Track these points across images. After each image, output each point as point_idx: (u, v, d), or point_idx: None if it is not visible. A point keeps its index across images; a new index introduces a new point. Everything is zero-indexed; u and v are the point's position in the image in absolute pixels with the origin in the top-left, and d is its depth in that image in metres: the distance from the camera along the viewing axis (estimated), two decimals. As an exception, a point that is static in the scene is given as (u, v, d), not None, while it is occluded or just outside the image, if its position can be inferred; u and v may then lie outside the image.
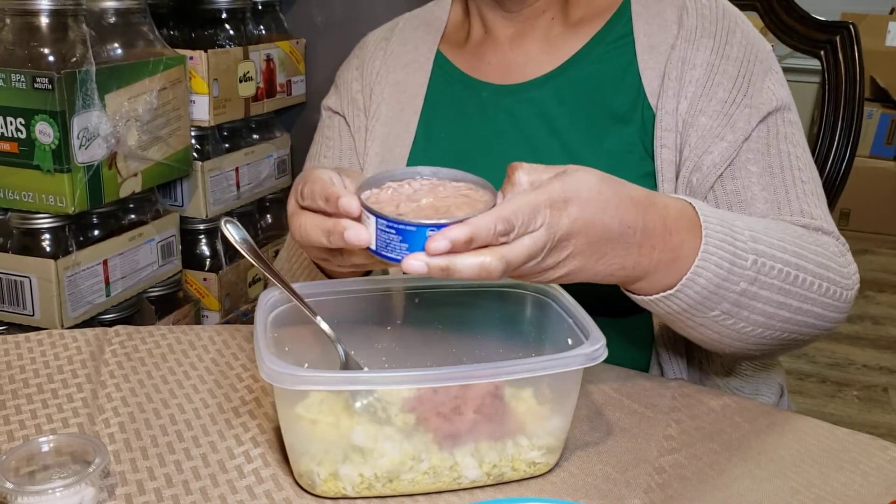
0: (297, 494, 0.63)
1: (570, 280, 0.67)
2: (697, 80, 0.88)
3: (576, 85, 0.93)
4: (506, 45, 0.98)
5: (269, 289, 0.72)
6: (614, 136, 0.90)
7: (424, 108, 1.00)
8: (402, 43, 1.06)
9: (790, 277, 0.76)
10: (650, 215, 0.68)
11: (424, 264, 0.59)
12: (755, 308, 0.75)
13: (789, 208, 0.85)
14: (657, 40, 0.91)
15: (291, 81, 1.87)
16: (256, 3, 1.80)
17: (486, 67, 0.99)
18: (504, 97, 0.96)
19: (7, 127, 1.25)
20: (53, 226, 1.33)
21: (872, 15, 4.00)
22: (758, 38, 0.91)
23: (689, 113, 0.87)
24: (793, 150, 0.88)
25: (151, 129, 1.42)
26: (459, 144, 0.97)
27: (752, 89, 0.87)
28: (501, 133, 0.95)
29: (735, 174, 0.86)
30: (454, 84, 1.00)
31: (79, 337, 0.87)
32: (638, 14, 0.93)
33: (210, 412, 0.74)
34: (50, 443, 0.62)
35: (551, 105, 0.93)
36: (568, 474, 0.66)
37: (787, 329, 0.79)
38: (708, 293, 0.72)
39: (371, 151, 1.01)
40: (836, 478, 0.66)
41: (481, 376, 0.61)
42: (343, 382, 0.61)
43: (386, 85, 1.03)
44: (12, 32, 1.26)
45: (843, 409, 2.45)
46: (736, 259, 0.72)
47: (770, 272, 0.74)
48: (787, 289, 0.76)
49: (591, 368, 0.62)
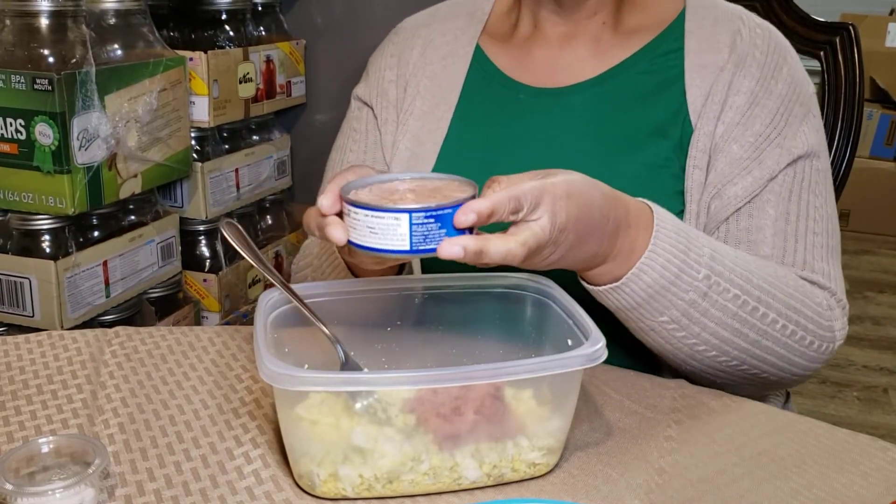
0: (296, 495, 0.63)
1: (552, 267, 0.70)
2: (738, 107, 0.87)
3: (619, 93, 0.92)
4: (555, 44, 0.96)
5: (269, 290, 0.72)
6: (652, 149, 0.89)
7: (459, 104, 0.98)
8: (441, 33, 1.03)
9: (748, 307, 0.77)
10: (618, 208, 0.72)
11: (461, 248, 0.62)
12: (706, 326, 0.76)
13: (794, 258, 0.85)
14: (707, 60, 0.90)
15: (291, 82, 1.87)
16: (256, 5, 1.80)
17: (531, 66, 0.97)
18: (543, 100, 0.95)
19: (7, 128, 1.25)
20: (53, 227, 1.33)
21: (872, 16, 4.00)
22: (804, 78, 0.91)
23: (723, 138, 0.87)
24: (813, 200, 0.87)
25: (151, 130, 1.42)
26: (491, 145, 0.96)
27: (787, 130, 0.87)
28: (536, 136, 0.94)
29: (752, 213, 0.86)
30: (492, 82, 0.98)
31: (79, 338, 0.86)
32: (691, 31, 0.92)
33: (210, 413, 0.74)
34: (50, 444, 0.62)
35: (591, 111, 0.92)
36: (568, 475, 0.66)
37: (746, 361, 0.80)
38: (653, 292, 0.74)
39: (402, 146, 0.99)
40: (837, 478, 0.66)
41: (481, 377, 0.61)
42: (343, 383, 0.61)
43: (422, 78, 1.01)
44: (12, 33, 1.26)
45: (844, 409, 2.45)
46: (686, 267, 0.74)
47: (724, 294, 0.76)
48: (744, 318, 0.77)
49: (591, 369, 0.62)
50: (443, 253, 0.62)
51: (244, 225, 1.75)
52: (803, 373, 0.83)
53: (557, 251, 0.68)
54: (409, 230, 0.62)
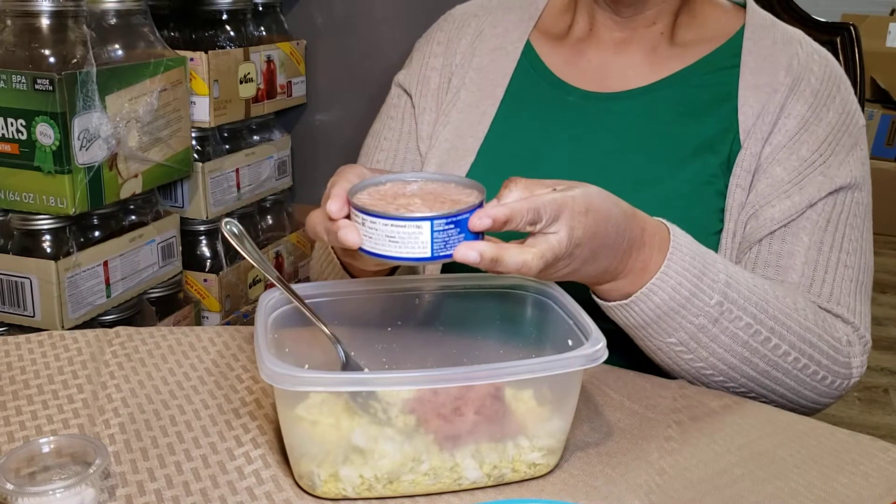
0: (297, 496, 0.63)
1: (563, 279, 0.70)
2: (788, 130, 0.87)
3: (671, 104, 0.91)
4: (610, 48, 0.95)
5: (270, 290, 0.72)
6: (698, 165, 0.88)
7: (504, 100, 0.97)
8: (492, 25, 1.01)
9: (759, 337, 0.77)
10: (634, 227, 0.71)
11: (478, 253, 0.62)
12: (714, 351, 0.76)
13: (821, 288, 0.85)
14: (762, 80, 0.89)
15: (292, 83, 1.87)
16: (257, 5, 1.80)
17: (582, 68, 0.95)
18: (591, 104, 0.93)
19: (8, 128, 1.25)
20: (54, 227, 1.33)
21: (873, 16, 4.01)
22: (855, 110, 0.91)
23: (768, 160, 0.87)
24: (850, 233, 0.87)
25: (152, 130, 1.42)
26: (534, 145, 0.94)
27: (833, 159, 0.87)
28: (580, 140, 0.92)
29: (786, 237, 0.85)
30: (540, 81, 0.96)
31: (79, 338, 0.87)
32: (749, 50, 0.91)
33: (210, 413, 0.74)
34: (50, 444, 0.62)
35: (640, 120, 0.91)
36: (568, 475, 0.66)
37: (753, 389, 0.80)
38: (662, 313, 0.74)
39: (442, 138, 0.97)
40: (837, 479, 0.66)
41: (481, 377, 0.61)
42: (343, 383, 0.61)
43: (469, 69, 0.99)
44: (13, 34, 1.26)
45: (844, 410, 2.45)
46: (699, 292, 0.74)
47: (736, 322, 0.76)
48: (755, 347, 0.77)
49: (591, 369, 0.62)
50: (459, 256, 0.62)
51: (245, 225, 1.75)
52: (812, 406, 0.84)
53: (571, 265, 0.68)
54: (430, 237, 0.62)
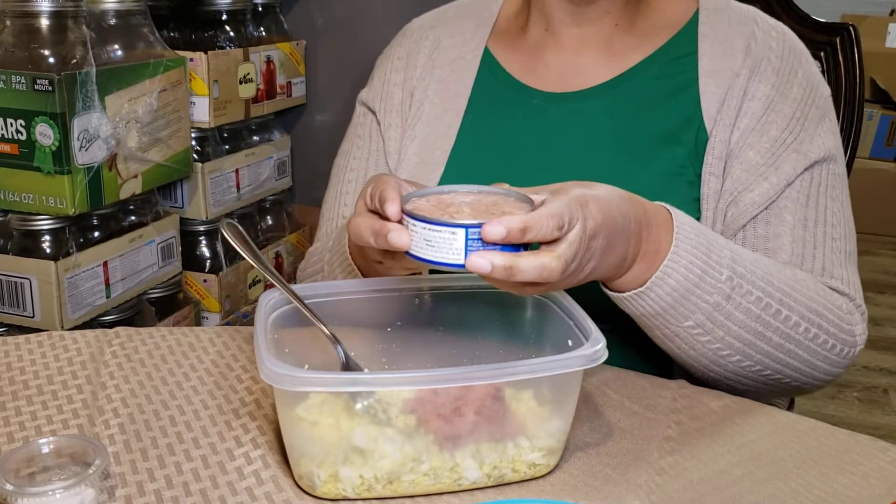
0: (297, 496, 0.63)
1: (590, 278, 0.69)
2: (754, 112, 0.86)
3: (632, 98, 0.91)
4: (568, 48, 0.94)
5: (270, 290, 0.72)
6: (666, 156, 0.88)
7: (468, 110, 0.96)
8: (450, 35, 1.01)
9: (771, 310, 0.76)
10: (636, 206, 0.71)
11: (489, 263, 0.61)
12: (730, 329, 0.76)
13: (812, 264, 0.84)
14: (721, 65, 0.89)
15: (291, 83, 1.87)
16: (257, 5, 1.80)
17: (543, 70, 0.95)
18: (555, 105, 0.93)
19: (7, 128, 1.25)
20: (54, 227, 1.33)
21: (872, 16, 4.01)
22: (819, 82, 0.90)
23: (739, 144, 0.86)
24: (831, 205, 0.87)
25: (152, 130, 1.42)
26: (501, 152, 0.93)
27: (803, 134, 0.86)
28: (547, 143, 0.92)
29: (770, 219, 0.85)
30: (502, 87, 0.96)
31: (79, 338, 0.86)
32: (705, 35, 0.90)
33: (210, 414, 0.74)
34: (50, 444, 0.62)
35: (604, 117, 0.91)
36: (568, 476, 0.66)
37: (769, 366, 0.79)
38: (678, 296, 0.73)
39: (410, 152, 0.97)
40: (837, 479, 0.66)
41: (481, 377, 0.61)
42: (343, 384, 0.61)
43: (431, 82, 0.99)
44: (13, 34, 1.26)
45: (844, 410, 2.45)
46: (709, 269, 0.73)
47: (747, 296, 0.75)
48: (767, 321, 0.76)
49: (591, 370, 0.62)
50: (470, 265, 0.61)
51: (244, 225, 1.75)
52: (825, 377, 0.83)
53: (592, 260, 0.67)
54: (464, 245, 0.62)
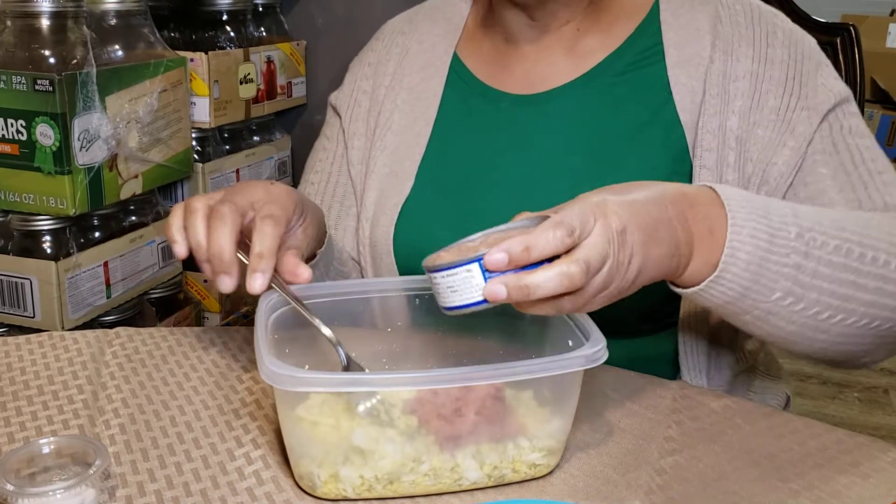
0: (297, 496, 0.63)
1: (645, 277, 0.65)
2: (744, 92, 0.84)
3: (600, 96, 0.89)
4: (530, 56, 0.93)
5: (270, 291, 0.72)
6: (639, 153, 0.86)
7: (438, 118, 0.95)
8: (419, 41, 1.00)
9: (854, 255, 0.71)
10: (670, 191, 0.68)
11: (503, 286, 0.59)
12: (822, 288, 0.70)
13: (871, 203, 0.80)
14: (690, 53, 0.86)
15: (292, 83, 1.87)
16: (257, 5, 1.80)
17: (510, 73, 0.93)
18: (524, 108, 0.91)
19: (8, 129, 1.25)
20: (54, 227, 1.32)
21: (873, 17, 4.00)
22: (802, 34, 0.87)
23: (743, 128, 0.83)
24: (861, 142, 0.83)
25: (152, 130, 1.42)
26: (472, 159, 0.92)
27: (805, 90, 0.83)
28: (519, 146, 0.90)
29: (806, 180, 0.82)
30: (471, 93, 0.95)
31: (79, 339, 0.87)
32: (668, 23, 0.88)
33: (210, 414, 0.74)
34: (50, 444, 0.62)
35: (573, 117, 0.89)
36: (569, 476, 0.66)
37: (876, 315, 0.73)
38: (755, 268, 0.68)
39: (380, 163, 0.96)
40: (838, 479, 0.66)
41: (482, 378, 0.61)
42: (344, 384, 0.61)
43: (400, 90, 0.98)
44: (13, 34, 1.26)
45: (844, 410, 2.45)
46: (775, 231, 0.68)
47: (825, 248, 0.70)
48: (856, 267, 0.71)
49: (591, 370, 0.62)
50: (487, 294, 0.59)
51: (245, 226, 1.74)
52: None
53: (635, 257, 0.63)
54: (483, 279, 0.60)
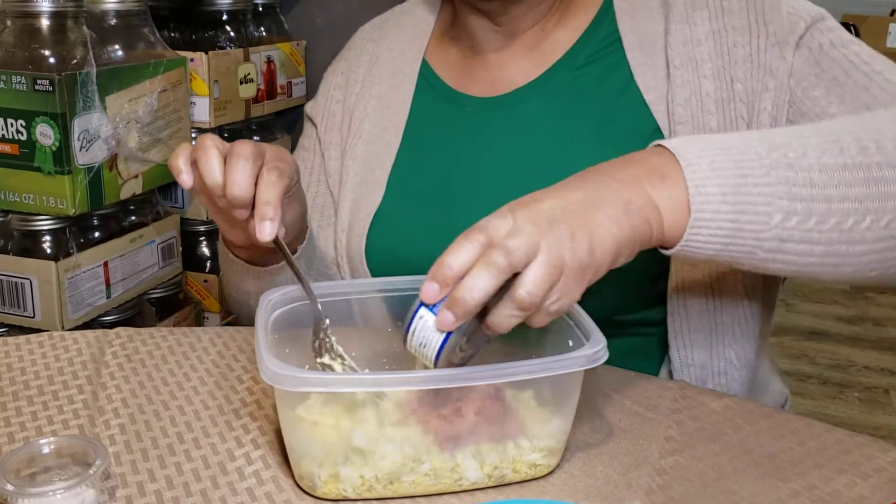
0: (297, 496, 0.63)
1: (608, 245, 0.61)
2: (710, 53, 0.82)
3: (565, 92, 0.88)
4: (495, 60, 0.92)
5: (270, 291, 0.72)
6: (607, 140, 0.85)
7: (408, 125, 0.94)
8: (388, 48, 1.00)
9: (851, 151, 0.65)
10: (600, 165, 0.66)
11: (446, 309, 0.59)
12: (830, 195, 0.64)
13: (879, 104, 0.76)
14: (645, 32, 0.85)
15: (292, 83, 1.87)
16: (257, 5, 1.80)
17: (474, 76, 0.93)
18: (489, 112, 0.91)
19: (8, 129, 1.25)
20: (54, 227, 1.32)
21: (873, 17, 4.01)
22: None
23: (722, 88, 0.81)
24: (847, 52, 0.79)
25: (152, 130, 1.42)
26: (442, 165, 0.92)
27: (771, 26, 0.81)
28: (487, 149, 0.90)
29: (802, 110, 0.79)
30: (439, 98, 0.94)
31: (79, 339, 0.86)
32: (621, 9, 0.88)
33: (210, 414, 0.74)
34: (50, 445, 0.62)
35: (539, 117, 0.89)
36: (569, 476, 0.66)
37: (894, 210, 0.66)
38: (735, 198, 0.63)
39: (352, 172, 0.96)
40: (838, 479, 0.66)
41: (482, 378, 0.61)
42: (344, 384, 0.61)
43: (370, 99, 0.98)
44: (13, 34, 1.26)
45: (845, 410, 2.45)
46: (741, 156, 0.64)
47: (809, 154, 0.65)
48: (861, 162, 0.65)
49: (591, 370, 0.62)
50: (441, 327, 0.59)
51: (245, 226, 1.74)
52: None
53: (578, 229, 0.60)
54: (434, 316, 0.60)
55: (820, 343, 2.85)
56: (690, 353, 0.86)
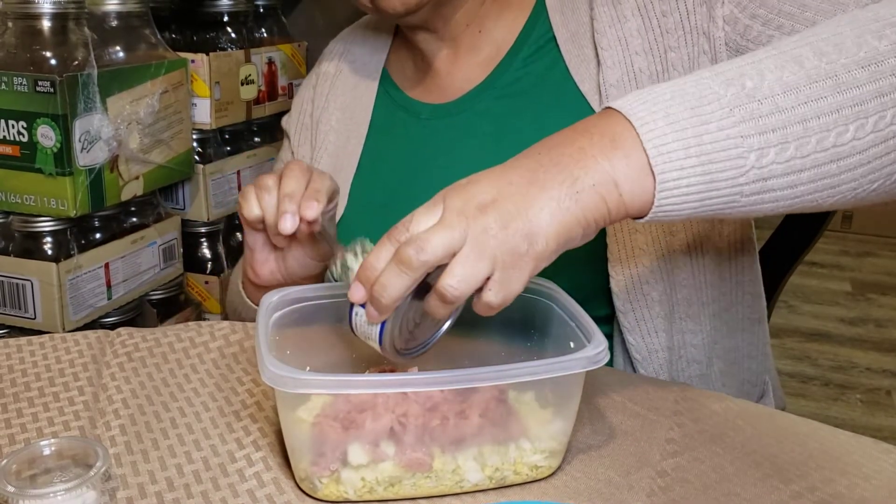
0: (298, 498, 0.63)
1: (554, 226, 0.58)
2: (638, 28, 0.81)
3: (506, 94, 0.89)
4: (444, 68, 0.94)
5: (270, 292, 0.72)
6: None
7: (369, 135, 0.96)
8: (351, 60, 1.01)
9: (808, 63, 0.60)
10: (541, 140, 0.63)
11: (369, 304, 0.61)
12: (802, 114, 0.59)
13: (823, 17, 0.71)
14: (574, 23, 0.86)
15: (293, 84, 1.87)
16: (258, 7, 1.80)
17: (426, 88, 0.96)
18: (441, 118, 0.93)
19: (9, 130, 1.25)
20: (55, 229, 1.33)
21: None
22: None
23: (656, 61, 0.80)
24: None
25: (153, 132, 1.42)
26: (400, 174, 0.93)
27: None
28: (441, 158, 0.91)
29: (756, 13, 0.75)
30: (397, 108, 0.96)
31: (80, 340, 0.86)
32: (553, 8, 0.88)
33: (211, 416, 0.74)
34: (51, 446, 0.62)
35: (484, 122, 0.90)
36: (570, 478, 0.66)
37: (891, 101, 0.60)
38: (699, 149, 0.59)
39: None
40: (840, 481, 0.66)
41: (483, 379, 0.61)
42: (344, 386, 0.61)
43: (334, 111, 0.99)
44: (14, 36, 1.26)
45: (846, 412, 2.45)
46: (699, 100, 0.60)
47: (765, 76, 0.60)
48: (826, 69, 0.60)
49: (593, 371, 0.62)
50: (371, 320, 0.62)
51: (246, 227, 1.74)
52: None
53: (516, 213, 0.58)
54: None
55: (821, 344, 2.85)
56: (652, 339, 0.86)
